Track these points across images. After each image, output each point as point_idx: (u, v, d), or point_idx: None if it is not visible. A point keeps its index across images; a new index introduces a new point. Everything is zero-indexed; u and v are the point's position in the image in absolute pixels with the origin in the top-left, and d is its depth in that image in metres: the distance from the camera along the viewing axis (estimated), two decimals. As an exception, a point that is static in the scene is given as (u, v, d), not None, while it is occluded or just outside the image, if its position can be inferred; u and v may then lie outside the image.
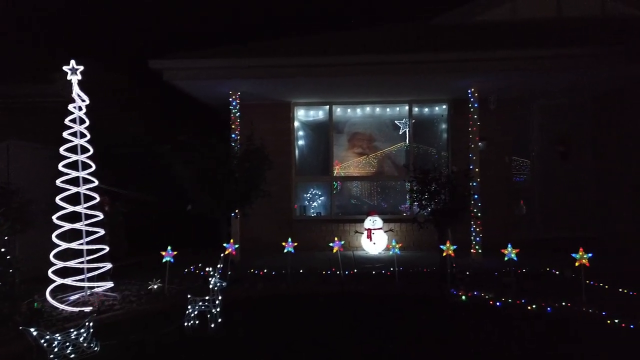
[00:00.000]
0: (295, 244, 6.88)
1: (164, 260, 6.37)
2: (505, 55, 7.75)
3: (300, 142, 10.39)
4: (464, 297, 5.81)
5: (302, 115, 10.36)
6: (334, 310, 5.58)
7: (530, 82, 8.54)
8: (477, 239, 8.37)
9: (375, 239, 9.02)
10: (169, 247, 6.40)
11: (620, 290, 5.98)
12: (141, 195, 9.56)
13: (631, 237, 8.17)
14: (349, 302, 5.84)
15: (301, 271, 7.28)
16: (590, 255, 5.51)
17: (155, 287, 6.38)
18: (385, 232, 9.16)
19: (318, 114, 10.34)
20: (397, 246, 6.87)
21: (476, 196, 8.28)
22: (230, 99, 8.82)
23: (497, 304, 5.58)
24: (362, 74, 8.08)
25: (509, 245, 5.99)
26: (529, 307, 5.38)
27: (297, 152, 10.21)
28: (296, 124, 10.22)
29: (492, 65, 7.77)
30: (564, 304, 5.37)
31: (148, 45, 13.60)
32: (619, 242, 8.60)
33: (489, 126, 9.33)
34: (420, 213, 7.00)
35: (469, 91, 8.67)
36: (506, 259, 5.96)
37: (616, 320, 4.84)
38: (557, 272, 6.89)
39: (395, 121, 10.20)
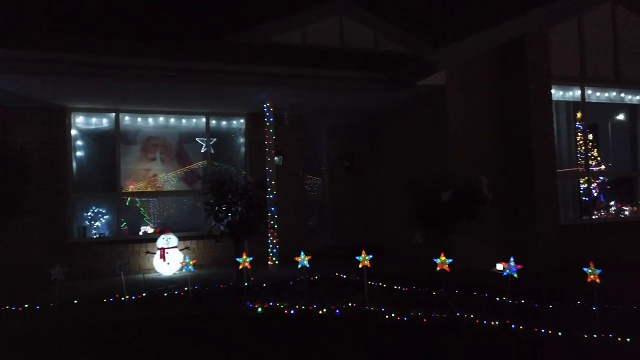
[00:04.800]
0: (67, 269, 5.80)
1: None
2: (296, 72, 8.10)
3: (80, 154, 9.06)
4: (260, 309, 5.69)
5: (82, 122, 9.06)
6: (113, 341, 4.81)
7: (319, 100, 9.15)
8: (274, 250, 8.45)
9: (169, 259, 8.33)
10: None
11: (396, 287, 6.67)
12: None
13: (401, 243, 9.30)
14: (132, 330, 5.13)
15: (75, 302, 6.19)
16: (370, 256, 5.97)
17: None
18: (180, 250, 8.55)
19: (102, 122, 9.18)
20: (190, 263, 6.39)
21: (272, 208, 8.38)
22: (-20, 98, 7.15)
23: (292, 312, 5.60)
24: (149, 79, 7.44)
25: (302, 254, 6.12)
26: (320, 312, 5.54)
27: (75, 164, 8.84)
28: (74, 132, 8.87)
29: (284, 80, 8.03)
30: (350, 304, 5.70)
31: None
32: (394, 247, 9.74)
33: (285, 141, 9.66)
34: (216, 226, 6.70)
35: (265, 106, 8.83)
36: (299, 266, 6.07)
37: (393, 315, 5.31)
38: (344, 276, 7.37)
39: (197, 139, 9.78)
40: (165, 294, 6.65)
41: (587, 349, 4.28)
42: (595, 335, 4.44)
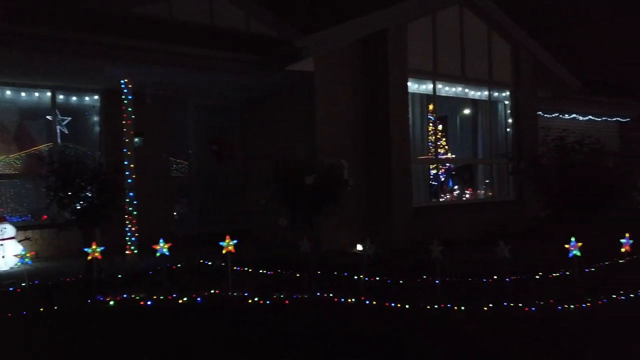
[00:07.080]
0: None
1: None
2: (157, 47, 7.51)
3: None
4: (111, 302, 5.24)
5: None
6: None
7: (185, 79, 8.67)
8: (133, 238, 7.87)
9: (4, 252, 7.26)
10: None
11: (261, 272, 6.66)
12: None
13: (269, 228, 9.31)
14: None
15: None
16: (235, 242, 5.84)
17: None
18: (19, 241, 7.49)
19: None
20: (27, 256, 5.62)
21: (131, 194, 7.77)
22: None
23: (148, 303, 5.26)
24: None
25: (161, 241, 5.76)
26: (180, 301, 5.30)
27: None
28: None
29: (143, 56, 7.41)
30: (212, 291, 5.54)
31: None
32: (262, 232, 9.72)
33: (147, 122, 8.96)
34: (59, 213, 5.98)
35: (123, 82, 8.09)
36: (158, 254, 5.71)
37: (256, 299, 5.29)
38: (210, 263, 7.15)
39: (47, 117, 8.58)
40: (-3, 292, 5.79)
41: (430, 318, 4.72)
42: (436, 306, 4.92)
